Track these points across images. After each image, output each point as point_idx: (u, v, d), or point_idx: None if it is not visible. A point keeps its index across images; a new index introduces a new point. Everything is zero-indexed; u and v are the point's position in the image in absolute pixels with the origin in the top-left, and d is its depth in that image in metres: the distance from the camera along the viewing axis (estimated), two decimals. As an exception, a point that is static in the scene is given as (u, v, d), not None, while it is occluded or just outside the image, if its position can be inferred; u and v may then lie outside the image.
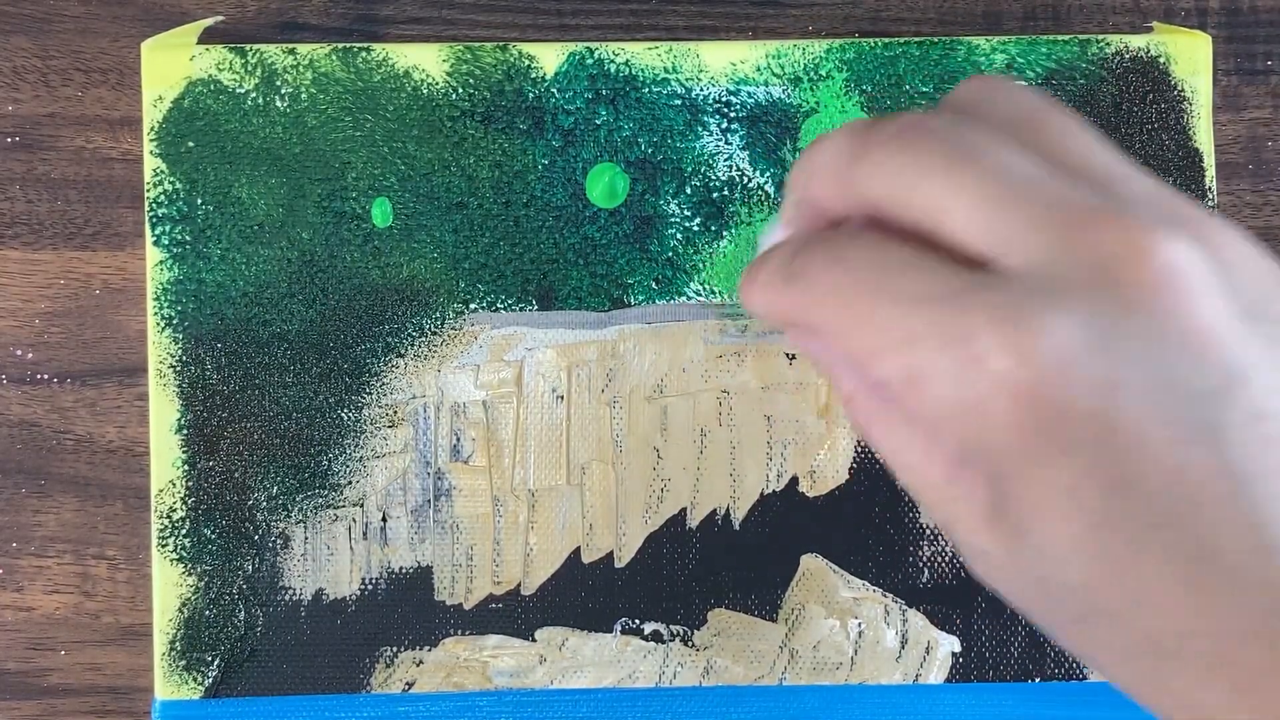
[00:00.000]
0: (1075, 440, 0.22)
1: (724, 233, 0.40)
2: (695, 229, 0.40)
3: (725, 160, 0.40)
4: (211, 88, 0.39)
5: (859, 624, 0.40)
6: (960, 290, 0.23)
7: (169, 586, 0.39)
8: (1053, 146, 0.24)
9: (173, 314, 0.39)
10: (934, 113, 0.25)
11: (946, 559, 0.40)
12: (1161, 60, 0.40)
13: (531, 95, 0.40)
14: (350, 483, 0.39)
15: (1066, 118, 0.25)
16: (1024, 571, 0.24)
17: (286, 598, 0.39)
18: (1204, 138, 0.40)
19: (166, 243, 0.39)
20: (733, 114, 0.40)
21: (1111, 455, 0.22)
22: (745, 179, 0.40)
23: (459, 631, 0.39)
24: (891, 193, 0.24)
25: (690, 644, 0.40)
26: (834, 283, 0.24)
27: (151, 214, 0.39)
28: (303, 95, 0.39)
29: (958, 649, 0.40)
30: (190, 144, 0.39)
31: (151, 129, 0.39)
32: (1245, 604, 0.22)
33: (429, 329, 0.40)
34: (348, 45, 0.40)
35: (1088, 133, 0.25)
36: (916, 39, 0.40)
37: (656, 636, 0.40)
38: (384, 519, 0.39)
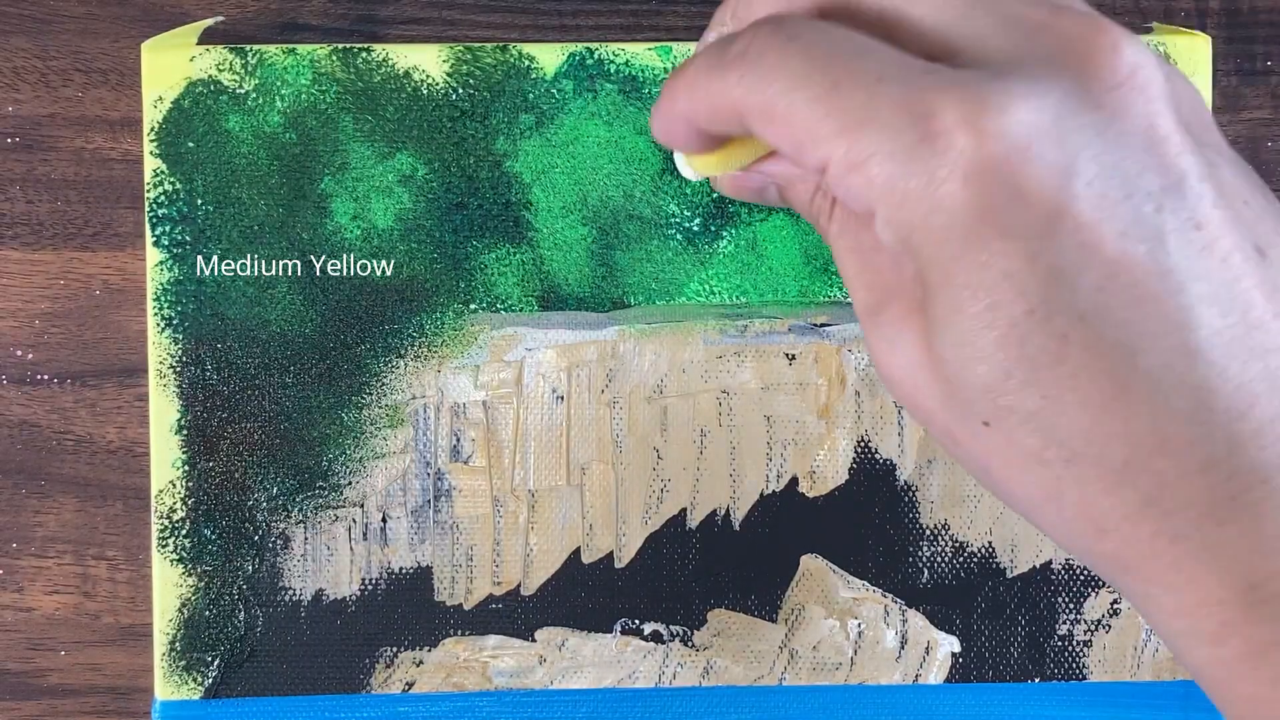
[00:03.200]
0: (1021, 224, 0.22)
1: (724, 233, 0.40)
2: (695, 229, 0.40)
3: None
4: (211, 88, 0.39)
5: (859, 624, 0.40)
6: (922, 73, 0.23)
7: (169, 587, 0.39)
8: None
9: (173, 314, 0.39)
10: None
11: (946, 559, 0.40)
12: (1161, 60, 0.40)
13: (531, 95, 0.40)
14: (350, 483, 0.39)
15: None
16: (934, 373, 0.24)
17: (286, 598, 0.39)
18: (1204, 138, 0.40)
19: (166, 243, 0.39)
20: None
21: (1056, 242, 0.22)
22: (745, 179, 0.40)
23: (459, 632, 0.39)
24: None
25: (690, 644, 0.40)
26: (783, 62, 0.24)
27: (151, 214, 0.39)
28: (303, 95, 0.39)
29: (957, 649, 0.40)
30: (190, 144, 0.39)
31: (151, 129, 0.39)
32: (1163, 406, 0.22)
33: (429, 329, 0.40)
34: (348, 45, 0.40)
35: None
36: (916, 39, 0.40)
37: (656, 637, 0.40)
38: (384, 519, 0.39)
